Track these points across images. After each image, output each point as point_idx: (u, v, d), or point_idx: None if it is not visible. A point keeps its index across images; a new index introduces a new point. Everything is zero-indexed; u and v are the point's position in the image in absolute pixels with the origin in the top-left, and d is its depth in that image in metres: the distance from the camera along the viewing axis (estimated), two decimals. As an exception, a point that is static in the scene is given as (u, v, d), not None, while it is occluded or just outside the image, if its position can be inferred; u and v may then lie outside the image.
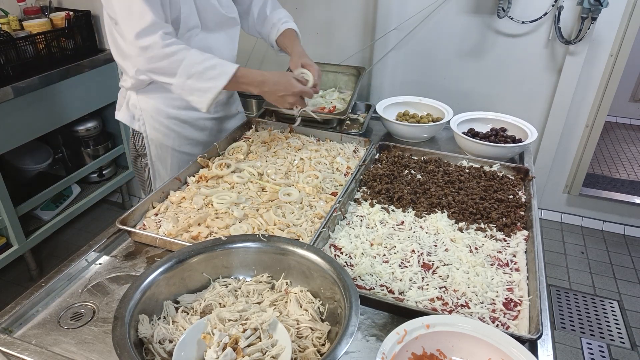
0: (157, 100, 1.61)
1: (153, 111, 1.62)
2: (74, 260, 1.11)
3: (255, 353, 0.81)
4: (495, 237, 1.23)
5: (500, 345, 0.84)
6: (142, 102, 1.61)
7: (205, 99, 1.39)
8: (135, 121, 1.65)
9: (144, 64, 1.35)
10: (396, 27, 2.84)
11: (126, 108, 1.66)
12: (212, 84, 1.37)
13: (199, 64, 1.36)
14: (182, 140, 1.69)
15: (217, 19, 1.55)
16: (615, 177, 3.55)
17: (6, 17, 2.41)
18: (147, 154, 1.69)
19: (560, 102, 2.76)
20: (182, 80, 1.36)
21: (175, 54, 1.34)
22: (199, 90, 1.37)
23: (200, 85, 1.37)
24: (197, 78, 1.36)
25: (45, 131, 2.48)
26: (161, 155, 1.70)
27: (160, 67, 1.35)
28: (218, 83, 1.37)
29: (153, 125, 1.64)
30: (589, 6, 2.38)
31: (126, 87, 1.63)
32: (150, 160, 1.71)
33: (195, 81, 1.36)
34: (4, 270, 2.49)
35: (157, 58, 1.33)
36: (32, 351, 0.88)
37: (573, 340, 2.32)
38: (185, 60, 1.34)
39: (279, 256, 1.01)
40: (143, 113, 1.62)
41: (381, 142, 1.66)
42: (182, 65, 1.34)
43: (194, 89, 1.37)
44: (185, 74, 1.35)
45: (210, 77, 1.37)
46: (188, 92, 1.39)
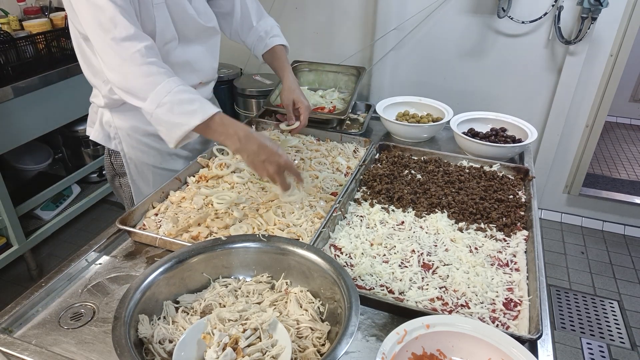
0: (133, 117, 1.47)
1: (130, 129, 1.50)
2: (74, 260, 1.11)
3: (255, 353, 0.81)
4: (495, 237, 1.23)
5: (500, 345, 0.84)
6: (117, 120, 1.48)
7: (173, 135, 1.18)
8: (112, 140, 1.53)
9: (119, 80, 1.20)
10: (396, 27, 2.84)
11: (100, 127, 1.53)
12: (183, 119, 1.17)
13: (175, 94, 1.18)
14: (163, 157, 1.58)
15: (196, 30, 1.43)
16: (615, 177, 3.55)
17: (6, 17, 2.41)
18: (127, 172, 1.58)
19: (560, 102, 2.76)
20: (152, 107, 1.18)
21: (151, 75, 1.18)
22: (167, 123, 1.18)
23: (169, 118, 1.18)
24: (168, 108, 1.17)
25: (45, 131, 2.48)
26: (142, 173, 1.58)
27: (133, 87, 1.19)
28: (192, 120, 1.16)
29: (131, 144, 1.52)
30: (589, 6, 2.38)
31: (98, 105, 1.50)
32: (131, 179, 1.59)
33: (166, 112, 1.17)
34: (4, 270, 2.49)
35: (136, 75, 1.18)
36: (32, 351, 0.88)
37: (573, 340, 2.32)
38: (160, 85, 1.17)
39: (279, 256, 1.01)
40: (119, 131, 1.50)
41: (381, 142, 1.66)
42: (157, 89, 1.17)
43: (162, 121, 1.19)
44: (157, 100, 1.17)
45: (184, 112, 1.17)
46: (156, 121, 1.20)
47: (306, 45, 3.15)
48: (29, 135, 2.40)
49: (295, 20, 3.08)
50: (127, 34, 1.16)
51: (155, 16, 1.29)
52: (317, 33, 3.10)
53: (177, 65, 1.41)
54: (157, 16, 1.30)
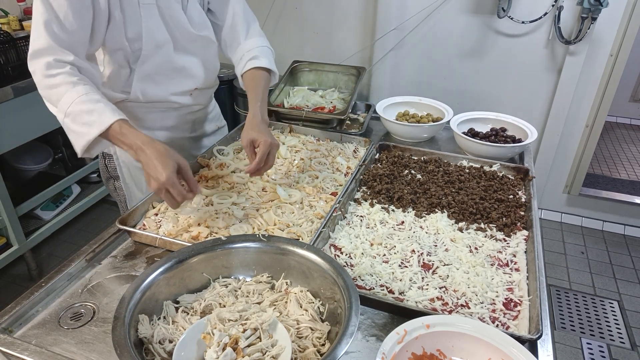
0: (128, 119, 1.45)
1: None
2: (74, 260, 1.11)
3: (255, 353, 0.81)
4: (495, 237, 1.23)
5: (500, 345, 0.84)
6: None
7: (78, 144, 1.23)
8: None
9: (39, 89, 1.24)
10: (396, 27, 2.84)
11: None
12: (85, 129, 1.20)
13: (76, 104, 1.19)
14: None
15: (188, 37, 1.40)
16: (615, 177, 3.55)
17: (6, 17, 2.41)
18: (120, 176, 1.58)
19: (560, 102, 2.77)
20: (61, 116, 1.23)
21: (56, 86, 1.20)
22: (73, 131, 1.22)
23: (75, 128, 1.21)
24: (72, 119, 1.21)
25: (45, 131, 2.48)
26: (135, 177, 1.58)
27: (45, 96, 1.24)
28: (92, 130, 1.19)
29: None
30: (589, 6, 2.38)
31: None
32: (124, 182, 1.59)
33: (71, 121, 1.21)
34: (4, 270, 2.49)
35: (40, 85, 1.22)
36: (32, 351, 0.88)
37: (573, 340, 2.32)
38: (64, 96, 1.20)
39: (279, 256, 1.01)
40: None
41: (381, 142, 1.66)
42: (62, 101, 1.21)
43: (70, 129, 1.23)
44: (63, 111, 1.21)
45: (85, 122, 1.19)
46: (66, 128, 1.24)
47: (306, 45, 3.15)
48: (29, 135, 2.40)
49: (295, 20, 3.08)
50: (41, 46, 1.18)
51: (142, 16, 1.29)
52: (317, 33, 3.10)
53: (174, 70, 1.42)
54: (144, 16, 1.29)
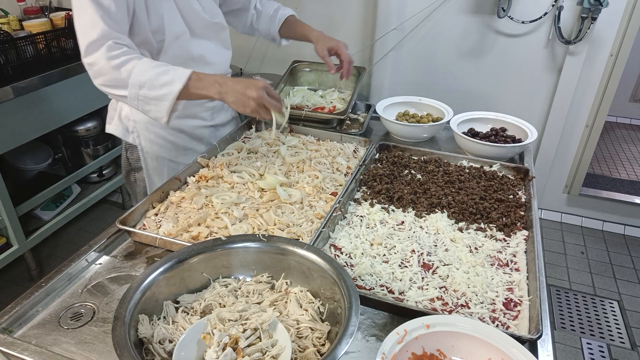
0: None
1: (148, 122, 1.55)
2: (74, 260, 1.11)
3: (255, 353, 0.81)
4: (495, 237, 1.23)
5: (500, 345, 0.84)
6: (135, 113, 1.53)
7: (162, 108, 1.27)
8: (129, 134, 1.59)
9: (95, 78, 1.28)
10: (396, 27, 2.84)
11: (118, 120, 1.59)
12: (166, 89, 1.25)
13: (150, 70, 1.25)
14: (178, 151, 1.64)
15: (203, 24, 1.50)
16: (615, 177, 3.55)
17: (6, 17, 2.41)
18: (143, 167, 1.63)
19: (560, 102, 2.77)
20: (135, 90, 1.26)
21: (123, 64, 1.25)
22: (154, 99, 1.26)
23: (155, 93, 1.26)
24: (149, 87, 1.25)
25: (45, 131, 2.48)
26: (157, 168, 1.64)
27: (111, 80, 1.26)
28: (173, 88, 1.24)
29: (148, 137, 1.58)
30: (589, 6, 2.38)
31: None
32: (147, 173, 1.65)
33: (148, 90, 1.25)
34: (4, 270, 2.49)
35: (105, 71, 1.25)
36: (32, 351, 0.88)
37: (573, 340, 2.32)
38: (135, 68, 1.25)
39: (279, 256, 1.01)
40: (137, 125, 1.56)
41: (381, 142, 1.66)
42: (132, 74, 1.25)
43: (149, 98, 1.27)
44: (136, 83, 1.25)
45: (164, 83, 1.25)
46: (143, 102, 1.28)
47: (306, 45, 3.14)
48: (29, 135, 2.40)
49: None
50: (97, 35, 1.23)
51: (164, 9, 1.37)
52: (317, 33, 3.10)
53: (192, 59, 1.50)
54: (165, 9, 1.37)
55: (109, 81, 1.27)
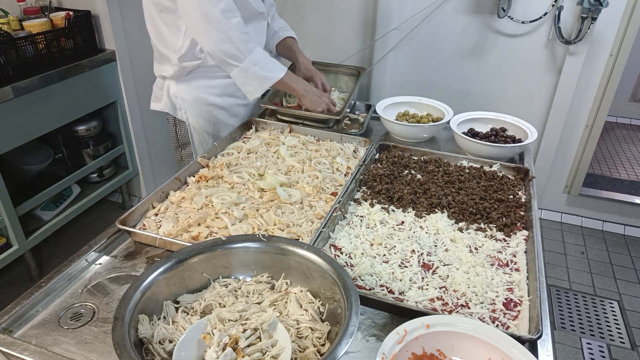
0: (196, 88, 1.75)
1: (194, 100, 1.76)
2: (74, 260, 1.11)
3: (255, 353, 0.81)
4: (495, 237, 1.23)
5: (500, 345, 0.84)
6: (182, 91, 1.75)
7: (262, 87, 1.63)
8: (178, 110, 1.79)
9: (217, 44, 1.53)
10: (396, 27, 2.84)
11: (167, 98, 1.78)
12: (272, 74, 1.62)
13: (264, 55, 1.61)
14: (220, 126, 1.84)
15: (249, 11, 1.69)
16: (615, 177, 3.55)
17: (6, 17, 2.40)
18: (190, 141, 1.85)
19: (560, 102, 2.77)
20: (249, 65, 1.57)
21: (248, 41, 1.56)
22: (261, 77, 1.61)
23: (263, 74, 1.60)
24: (261, 67, 1.59)
25: (45, 131, 2.48)
26: (203, 142, 1.85)
27: (233, 50, 1.54)
28: (277, 74, 1.63)
29: (195, 113, 1.78)
30: (589, 6, 2.38)
31: (166, 76, 1.74)
32: (194, 148, 1.86)
33: (260, 69, 1.59)
34: (4, 270, 2.49)
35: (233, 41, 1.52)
36: (32, 351, 0.88)
37: (573, 340, 2.32)
38: (255, 50, 1.58)
39: (279, 256, 1.01)
40: (184, 102, 1.76)
41: (381, 142, 1.66)
42: (253, 53, 1.57)
43: (257, 76, 1.60)
44: (253, 60, 1.57)
45: (271, 69, 1.62)
46: (250, 76, 1.60)
47: (306, 45, 3.13)
48: (29, 135, 2.40)
49: (295, 20, 3.08)
50: (228, 6, 1.51)
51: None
52: (317, 33, 3.10)
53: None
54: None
55: (232, 50, 1.54)
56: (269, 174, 1.43)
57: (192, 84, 1.75)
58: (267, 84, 1.63)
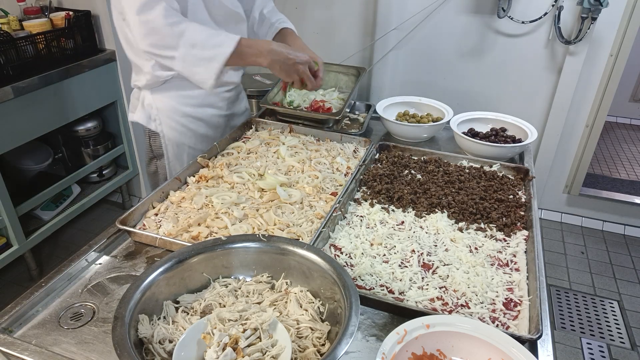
0: (172, 99, 1.62)
1: (169, 110, 1.64)
2: (74, 260, 1.11)
3: (255, 353, 0.81)
4: (495, 237, 1.23)
5: (500, 345, 0.84)
6: (157, 101, 1.62)
7: (211, 70, 1.34)
8: (152, 121, 1.66)
9: (145, 38, 1.32)
10: (396, 27, 2.84)
11: (142, 108, 1.67)
12: (217, 50, 1.32)
13: (202, 32, 1.32)
14: (197, 138, 1.72)
15: (223, 12, 1.55)
16: (615, 177, 3.55)
17: (6, 17, 2.40)
18: (164, 153, 1.71)
19: (560, 102, 2.77)
20: (186, 50, 1.31)
21: (177, 24, 1.31)
22: (204, 59, 1.32)
23: (206, 54, 1.32)
24: (201, 47, 1.31)
25: (45, 131, 2.48)
26: (178, 154, 1.72)
27: (161, 40, 1.31)
28: (224, 50, 1.32)
29: (170, 125, 1.66)
30: (589, 6, 2.38)
31: (140, 86, 1.64)
32: (167, 160, 1.73)
33: (200, 50, 1.31)
34: (4, 270, 2.49)
35: (158, 29, 1.29)
36: (32, 351, 0.88)
37: (573, 340, 2.32)
38: (188, 30, 1.31)
39: (279, 256, 1.01)
40: (159, 113, 1.64)
41: (381, 142, 1.66)
42: (185, 35, 1.30)
43: (199, 58, 1.32)
44: (189, 43, 1.30)
45: (215, 44, 1.32)
46: (192, 63, 1.33)
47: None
48: (29, 135, 2.40)
49: (295, 20, 3.06)
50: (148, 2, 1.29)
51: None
52: (317, 33, 3.10)
53: None
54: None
55: (161, 40, 1.31)
56: (269, 174, 1.43)
57: (168, 94, 1.62)
58: (216, 64, 1.33)
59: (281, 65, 1.41)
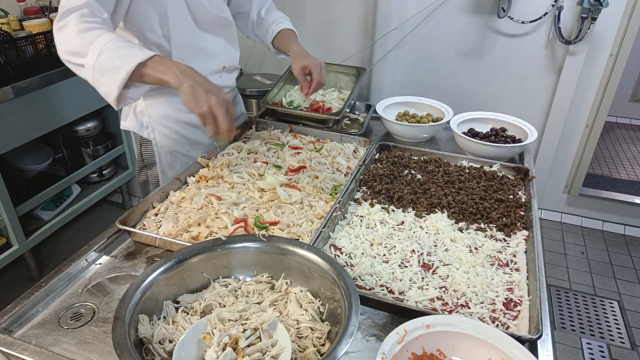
0: (165, 105, 1.58)
1: (162, 117, 1.59)
2: (74, 260, 1.11)
3: (255, 353, 0.81)
4: (495, 237, 1.23)
5: (500, 345, 0.84)
6: (150, 108, 1.58)
7: (115, 80, 1.19)
8: (144, 129, 1.62)
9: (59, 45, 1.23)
10: (396, 27, 2.84)
11: (133, 116, 1.62)
12: (124, 61, 1.18)
13: (115, 41, 1.19)
14: (191, 145, 1.68)
15: (208, 18, 1.52)
16: (615, 177, 3.55)
17: (6, 17, 2.41)
18: (157, 161, 1.67)
19: (560, 102, 2.77)
20: (94, 57, 1.19)
21: (90, 30, 1.20)
22: (109, 69, 1.19)
23: (112, 64, 1.18)
24: (109, 55, 1.18)
25: (45, 131, 2.48)
26: (171, 162, 1.68)
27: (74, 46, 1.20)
28: (131, 61, 1.17)
29: (162, 132, 1.62)
30: (589, 6, 2.38)
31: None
32: (160, 168, 1.68)
33: (107, 58, 1.18)
34: (4, 270, 2.49)
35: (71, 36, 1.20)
36: (32, 351, 0.88)
37: (573, 340, 2.32)
38: (100, 37, 1.19)
39: (279, 256, 1.01)
40: (152, 120, 1.60)
41: (381, 142, 1.66)
42: (96, 41, 1.18)
43: (105, 68, 1.19)
44: (97, 50, 1.18)
45: (124, 55, 1.18)
46: (99, 72, 1.20)
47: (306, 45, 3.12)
48: (29, 135, 2.40)
49: (295, 20, 3.06)
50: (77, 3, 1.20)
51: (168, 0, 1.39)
52: (317, 33, 3.10)
53: (197, 50, 1.53)
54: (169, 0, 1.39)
55: (72, 47, 1.21)
56: (269, 174, 1.43)
57: (161, 100, 1.57)
58: (119, 76, 1.18)
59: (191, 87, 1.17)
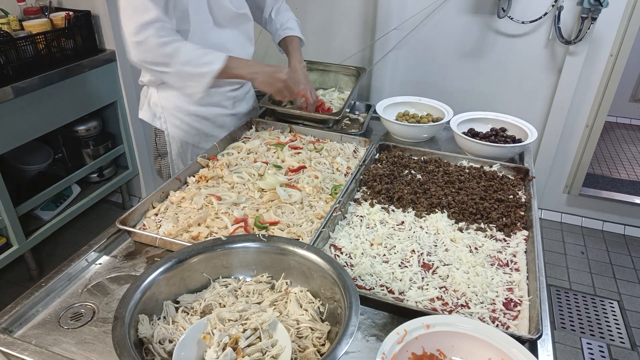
0: (178, 97, 1.66)
1: (174, 109, 1.67)
2: (74, 260, 1.11)
3: (255, 353, 0.81)
4: (495, 237, 1.23)
5: (500, 345, 0.84)
6: (163, 100, 1.67)
7: (201, 84, 1.48)
8: (157, 119, 1.70)
9: (138, 56, 1.42)
10: (396, 27, 2.84)
11: (148, 107, 1.70)
12: (207, 68, 1.46)
13: (193, 51, 1.45)
14: (202, 137, 1.74)
15: (228, 15, 1.60)
16: (615, 177, 3.55)
17: (6, 17, 2.40)
18: (168, 152, 1.75)
19: (560, 102, 2.77)
20: (179, 67, 1.44)
21: (169, 44, 1.41)
22: (196, 75, 1.46)
23: (197, 70, 1.45)
24: (193, 64, 1.44)
25: (45, 131, 2.48)
26: (182, 153, 1.75)
27: (155, 58, 1.43)
28: (213, 67, 1.46)
29: (174, 123, 1.69)
30: (589, 6, 2.38)
31: (145, 82, 1.67)
32: (171, 159, 1.76)
33: (192, 67, 1.45)
34: (4, 270, 2.49)
35: (152, 50, 1.40)
36: (32, 351, 0.88)
37: (573, 340, 2.32)
38: (181, 48, 1.43)
39: (279, 256, 1.01)
40: (164, 111, 1.68)
41: (381, 142, 1.66)
42: (178, 54, 1.42)
43: (192, 75, 1.46)
44: (180, 61, 1.43)
45: (205, 62, 1.46)
46: (185, 78, 1.47)
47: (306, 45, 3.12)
48: (29, 135, 2.40)
49: (295, 20, 3.08)
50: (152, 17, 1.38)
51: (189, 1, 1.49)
52: (317, 33, 3.10)
53: (214, 47, 1.56)
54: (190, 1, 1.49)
55: (155, 58, 1.42)
56: (269, 174, 1.43)
57: (174, 92, 1.66)
58: (205, 80, 1.47)
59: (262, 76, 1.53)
